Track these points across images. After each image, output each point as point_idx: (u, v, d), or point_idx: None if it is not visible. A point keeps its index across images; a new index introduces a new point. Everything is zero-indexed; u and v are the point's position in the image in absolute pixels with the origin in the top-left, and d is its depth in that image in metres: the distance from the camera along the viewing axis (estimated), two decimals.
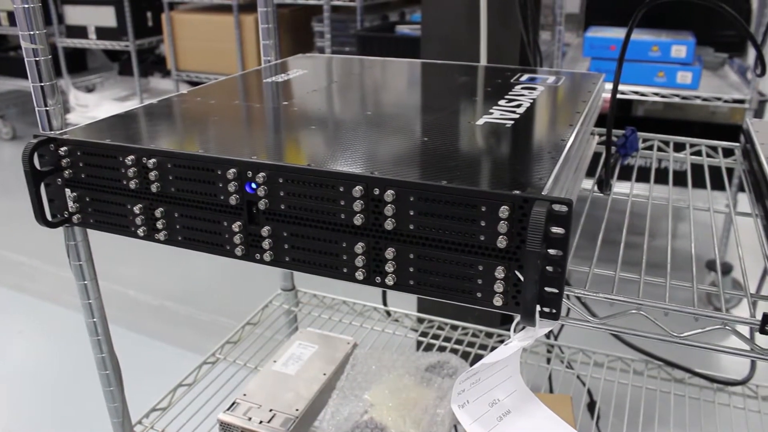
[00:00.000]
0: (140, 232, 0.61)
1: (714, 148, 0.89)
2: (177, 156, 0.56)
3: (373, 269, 0.52)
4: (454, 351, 1.10)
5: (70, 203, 0.65)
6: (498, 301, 0.49)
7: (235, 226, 0.56)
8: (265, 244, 0.55)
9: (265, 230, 0.55)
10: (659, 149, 0.90)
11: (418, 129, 0.62)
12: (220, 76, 2.82)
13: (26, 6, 0.65)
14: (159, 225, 0.60)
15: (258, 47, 2.75)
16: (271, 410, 0.90)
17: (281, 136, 0.60)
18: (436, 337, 1.15)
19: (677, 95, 1.85)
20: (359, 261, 0.52)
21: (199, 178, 0.56)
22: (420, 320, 1.19)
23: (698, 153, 0.89)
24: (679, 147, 0.90)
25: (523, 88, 0.78)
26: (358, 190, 0.50)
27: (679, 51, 1.87)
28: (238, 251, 0.57)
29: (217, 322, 1.90)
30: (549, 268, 0.47)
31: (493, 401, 0.51)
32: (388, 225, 0.50)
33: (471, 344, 1.13)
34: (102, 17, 2.98)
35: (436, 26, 1.35)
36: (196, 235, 0.59)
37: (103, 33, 3.02)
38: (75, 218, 0.65)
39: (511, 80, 0.83)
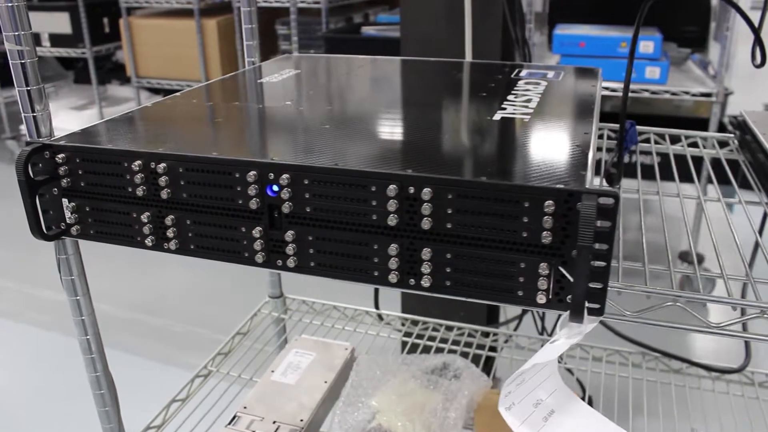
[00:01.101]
0: (148, 241, 0.58)
1: (706, 140, 0.89)
2: (191, 160, 0.53)
3: (406, 271, 0.50)
4: (452, 352, 1.08)
5: (68, 214, 0.61)
6: (541, 298, 0.48)
7: (255, 232, 0.53)
8: (289, 249, 0.52)
9: (288, 235, 0.52)
10: (656, 142, 0.90)
11: (436, 126, 0.61)
12: (183, 83, 2.76)
13: (10, 5, 0.61)
14: (169, 233, 0.57)
15: (221, 52, 2.70)
16: (274, 422, 0.86)
17: (297, 137, 0.58)
18: (432, 338, 1.13)
19: (646, 90, 1.88)
20: (393, 263, 0.50)
21: (215, 182, 0.53)
22: (414, 322, 1.17)
23: (693, 145, 0.90)
24: (673, 140, 0.90)
25: (526, 83, 0.77)
26: (392, 189, 0.48)
27: (647, 47, 1.90)
28: (259, 258, 0.54)
29: (192, 333, 1.84)
30: (595, 263, 0.46)
31: (537, 401, 0.50)
32: (425, 224, 0.48)
33: (468, 344, 1.11)
34: (56, 24, 2.87)
35: (415, 27, 1.34)
36: (211, 243, 0.56)
37: (57, 40, 2.92)
38: (73, 230, 0.61)
39: (512, 76, 0.82)
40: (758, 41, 0.73)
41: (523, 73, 0.83)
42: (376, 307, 1.22)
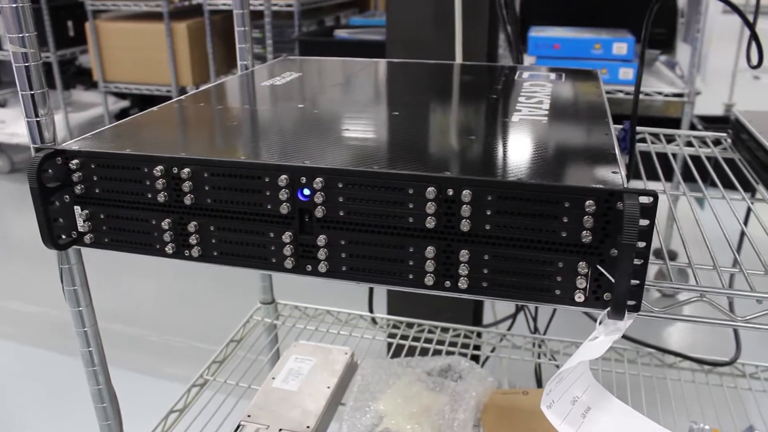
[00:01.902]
0: (168, 249, 0.56)
1: (702, 140, 0.91)
2: (217, 164, 0.52)
3: (442, 273, 0.50)
4: (449, 353, 1.09)
5: (80, 222, 0.59)
6: (579, 297, 0.48)
7: (285, 237, 0.52)
8: (321, 254, 0.52)
9: (320, 239, 0.51)
10: (652, 142, 0.92)
11: (458, 128, 0.61)
12: (152, 87, 2.71)
13: (15, 5, 0.59)
14: (192, 240, 0.55)
15: (192, 56, 2.66)
16: (281, 430, 0.85)
17: (323, 140, 0.57)
18: (428, 341, 1.13)
19: (620, 90, 1.92)
20: (429, 266, 0.50)
21: (243, 187, 0.52)
22: (409, 325, 1.17)
23: (688, 144, 0.92)
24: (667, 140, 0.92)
25: (531, 85, 0.78)
26: (431, 192, 0.47)
27: (620, 48, 1.94)
28: (288, 264, 0.53)
29: (168, 343, 1.81)
30: (634, 261, 0.46)
31: (574, 399, 0.50)
32: (464, 226, 0.48)
33: (465, 345, 1.12)
34: None
35: (401, 29, 1.34)
36: (237, 249, 0.55)
37: None
38: (87, 238, 0.59)
39: (515, 78, 0.82)
40: (756, 42, 0.75)
41: (525, 75, 0.84)
42: (371, 310, 1.21)
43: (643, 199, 0.45)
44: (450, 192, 0.47)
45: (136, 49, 2.69)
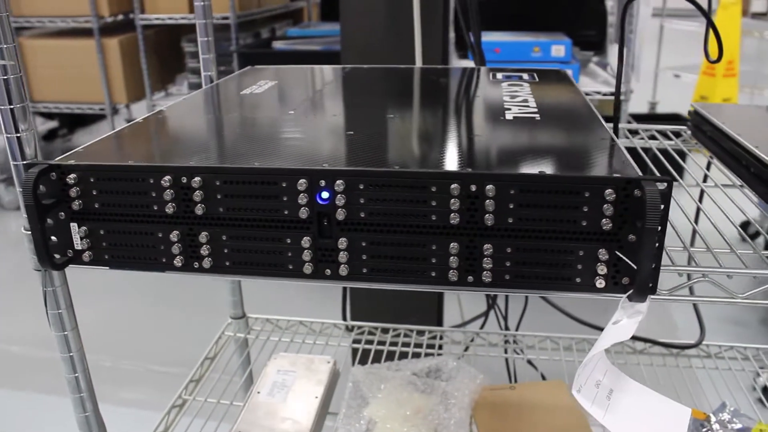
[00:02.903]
0: (177, 262, 0.55)
1: (663, 133, 0.96)
2: (230, 172, 0.51)
3: (465, 269, 0.51)
4: (428, 355, 1.09)
5: (77, 239, 0.57)
6: (600, 283, 0.50)
7: (304, 242, 0.52)
8: (341, 257, 0.52)
9: (341, 242, 0.51)
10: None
11: (461, 127, 0.62)
12: (84, 105, 2.61)
13: None
14: (203, 251, 0.54)
15: (125, 72, 2.58)
16: None
17: (333, 143, 0.57)
18: (406, 344, 1.13)
19: None
20: (453, 262, 0.50)
21: (259, 193, 0.51)
22: (384, 330, 1.17)
23: (652, 138, 0.96)
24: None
25: (509, 86, 0.80)
26: (455, 188, 0.48)
27: (558, 50, 2.01)
28: (307, 269, 0.52)
29: (119, 368, 1.74)
30: None
31: (597, 382, 0.52)
32: (488, 221, 0.48)
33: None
34: None
35: (354, 37, 1.35)
36: (252, 258, 0.53)
37: None
38: (85, 256, 0.57)
39: (490, 79, 0.84)
40: (717, 36, 0.79)
41: (499, 75, 0.86)
42: (344, 318, 1.21)
43: (659, 185, 0.47)
44: (473, 188, 0.48)
45: (65, 66, 2.59)
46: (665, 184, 0.47)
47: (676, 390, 1.00)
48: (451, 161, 0.51)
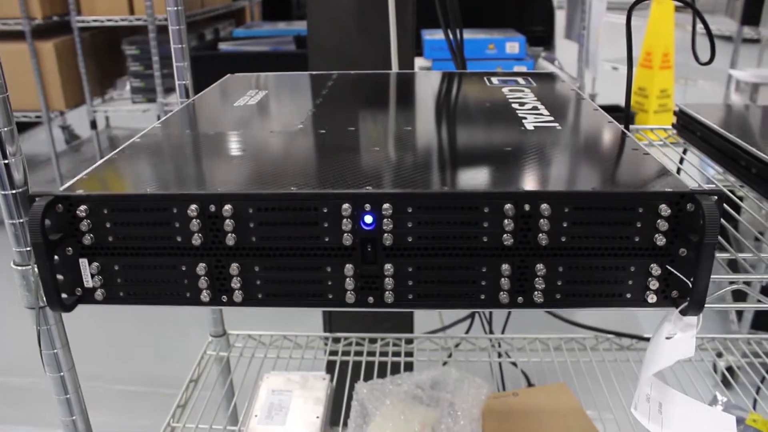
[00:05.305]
0: (204, 296, 0.51)
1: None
2: (266, 198, 0.48)
3: (515, 290, 0.49)
4: (419, 362, 1.08)
5: (87, 276, 0.52)
6: (652, 298, 0.49)
7: (347, 270, 0.49)
8: (387, 284, 0.49)
9: (386, 269, 0.49)
10: None
11: (485, 140, 0.60)
12: (18, 113, 2.47)
13: None
14: (234, 284, 0.50)
15: (62, 77, 2.45)
16: None
17: (364, 159, 0.54)
18: (396, 354, 1.11)
19: None
20: (504, 284, 0.48)
21: (297, 220, 0.48)
22: (372, 341, 1.15)
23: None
24: None
25: (511, 91, 0.79)
26: (509, 209, 0.46)
27: (512, 47, 2.02)
28: (350, 298, 0.49)
29: (99, 390, 1.65)
30: None
31: (647, 396, 0.51)
32: (542, 240, 0.47)
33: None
34: None
35: (322, 39, 1.31)
36: (288, 289, 0.50)
37: None
38: (98, 294, 0.52)
39: (488, 84, 0.83)
40: (710, 40, 0.80)
41: (495, 81, 0.85)
42: (330, 330, 1.18)
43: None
44: (527, 207, 0.47)
45: None
46: (716, 197, 0.47)
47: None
48: (499, 180, 0.49)
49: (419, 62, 2.20)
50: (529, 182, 0.48)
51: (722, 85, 2.45)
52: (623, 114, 0.82)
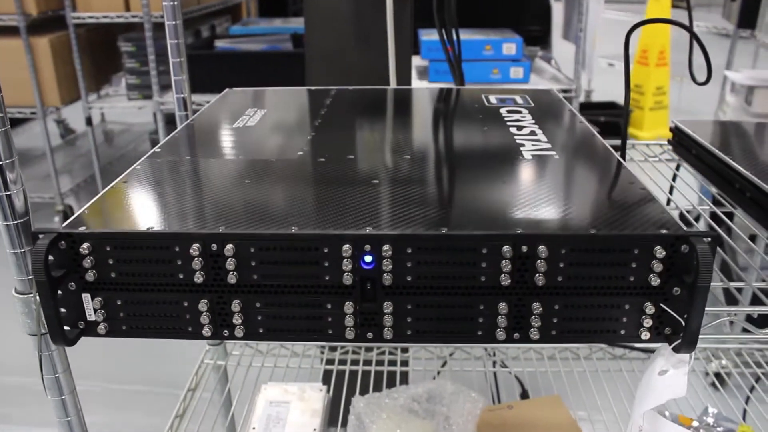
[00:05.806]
0: (206, 331, 0.52)
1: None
2: (269, 238, 0.48)
3: (512, 327, 0.50)
4: (416, 371, 1.09)
5: (89, 311, 0.53)
6: (645, 335, 0.50)
7: (347, 307, 0.50)
8: (386, 321, 0.50)
9: (386, 306, 0.49)
10: None
11: (482, 172, 0.61)
12: (13, 110, 2.46)
13: None
14: (235, 320, 0.51)
15: (57, 73, 2.44)
16: None
17: (363, 195, 0.55)
18: (392, 363, 1.12)
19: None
20: (501, 321, 0.49)
21: (298, 260, 0.49)
22: (368, 349, 1.16)
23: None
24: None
25: (508, 112, 0.80)
26: (507, 251, 0.47)
27: (509, 48, 2.02)
28: (349, 334, 0.50)
29: (102, 391, 1.66)
30: None
31: (640, 428, 0.52)
32: (539, 281, 0.48)
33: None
34: None
35: (321, 45, 1.32)
36: (289, 325, 0.51)
37: None
38: (100, 328, 0.53)
39: (486, 104, 0.83)
40: (706, 59, 0.81)
41: (493, 99, 0.85)
42: None
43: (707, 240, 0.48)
44: (524, 248, 0.47)
45: None
46: (710, 239, 0.48)
47: None
48: (497, 220, 0.50)
49: (416, 61, 2.20)
50: (527, 223, 0.49)
51: (718, 84, 2.45)
52: (621, 119, 0.83)
